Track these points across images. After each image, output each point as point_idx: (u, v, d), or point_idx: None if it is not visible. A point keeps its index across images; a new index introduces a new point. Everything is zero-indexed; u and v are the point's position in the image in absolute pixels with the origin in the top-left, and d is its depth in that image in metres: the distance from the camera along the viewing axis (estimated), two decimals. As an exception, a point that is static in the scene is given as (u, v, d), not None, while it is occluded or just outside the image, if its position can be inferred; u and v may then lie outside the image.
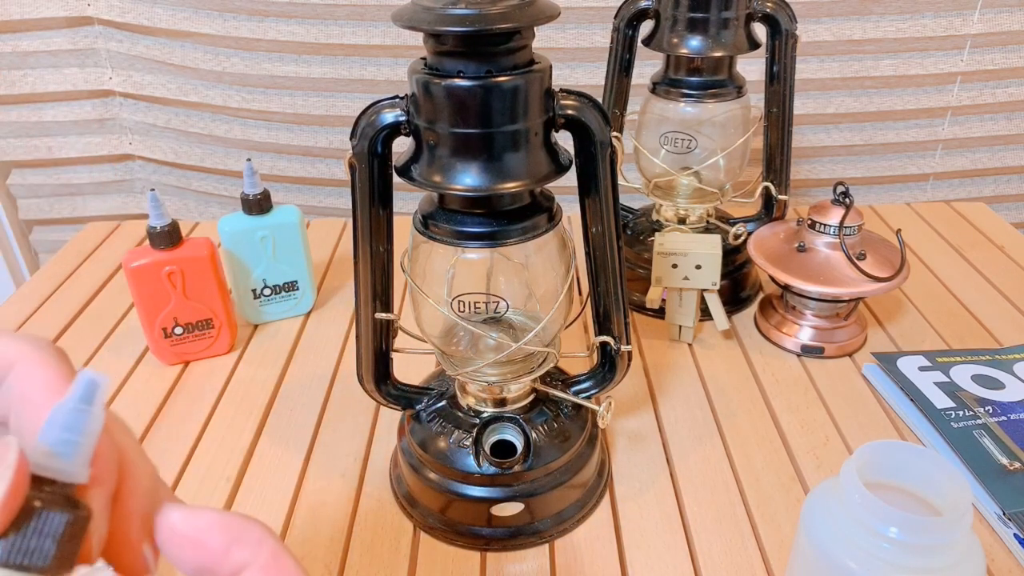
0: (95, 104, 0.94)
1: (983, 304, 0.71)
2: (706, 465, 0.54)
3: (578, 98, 0.40)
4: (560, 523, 0.48)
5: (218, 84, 0.90)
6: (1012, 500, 0.48)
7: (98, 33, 0.90)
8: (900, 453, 0.35)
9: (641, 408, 0.59)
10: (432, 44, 0.38)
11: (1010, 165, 0.98)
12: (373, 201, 0.42)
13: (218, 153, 0.96)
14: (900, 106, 0.92)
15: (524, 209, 0.42)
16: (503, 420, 0.48)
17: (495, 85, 0.37)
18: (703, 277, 0.62)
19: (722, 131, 0.66)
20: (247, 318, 0.69)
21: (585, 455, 0.49)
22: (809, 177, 0.98)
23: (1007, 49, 0.90)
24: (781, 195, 0.71)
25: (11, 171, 0.99)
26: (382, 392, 0.49)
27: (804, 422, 0.57)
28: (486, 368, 0.47)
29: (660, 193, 0.71)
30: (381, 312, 0.46)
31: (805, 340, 0.64)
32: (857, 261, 0.60)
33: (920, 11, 0.87)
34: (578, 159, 0.42)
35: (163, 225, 0.59)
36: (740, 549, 0.47)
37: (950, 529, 0.31)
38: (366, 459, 0.55)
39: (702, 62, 0.64)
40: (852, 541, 0.33)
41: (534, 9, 0.37)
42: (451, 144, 0.38)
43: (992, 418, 0.55)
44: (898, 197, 1.00)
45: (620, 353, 0.49)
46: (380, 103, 0.40)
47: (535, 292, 0.45)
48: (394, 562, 0.47)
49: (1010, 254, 0.80)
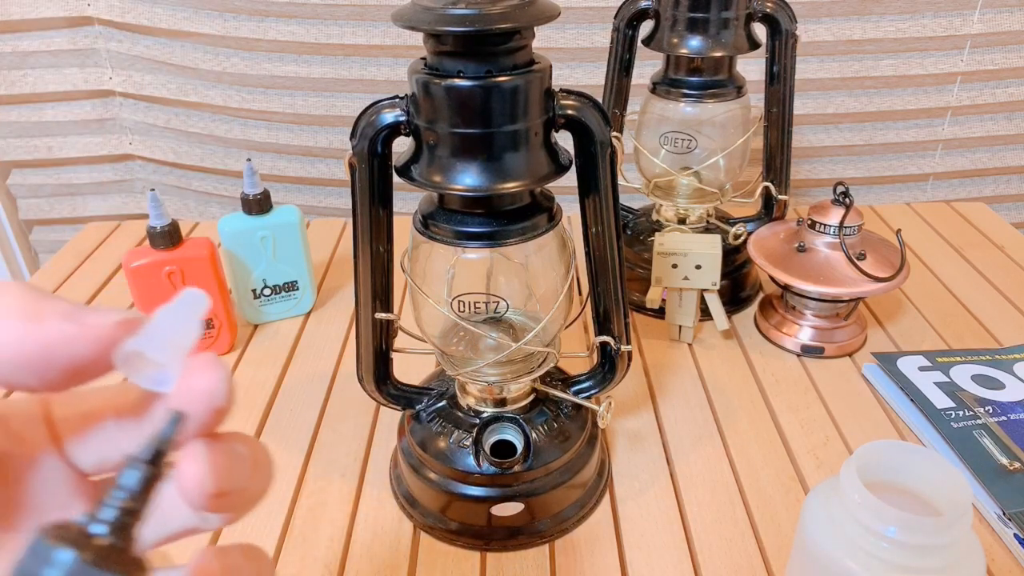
0: (95, 104, 0.94)
1: (983, 304, 0.71)
2: (706, 465, 0.54)
3: (578, 98, 0.40)
4: (560, 523, 0.48)
5: (218, 84, 0.90)
6: (1012, 500, 0.48)
7: (98, 33, 0.90)
8: (900, 453, 0.35)
9: (641, 408, 0.59)
10: (432, 44, 0.38)
11: (1010, 165, 0.98)
12: (373, 201, 0.42)
13: (218, 153, 0.96)
14: (900, 106, 0.92)
15: (524, 209, 0.42)
16: (503, 420, 0.48)
17: (495, 85, 0.37)
18: (703, 277, 0.62)
19: (722, 131, 0.66)
20: (247, 318, 0.69)
21: (585, 455, 0.49)
22: (809, 177, 0.98)
23: (1007, 49, 0.90)
24: (781, 195, 0.71)
25: (11, 171, 0.99)
26: (382, 392, 0.49)
27: (804, 422, 0.57)
28: (486, 368, 0.47)
29: (660, 193, 0.71)
30: (381, 312, 0.46)
31: (805, 340, 0.64)
32: (857, 261, 0.60)
33: (920, 11, 0.87)
34: (578, 159, 0.42)
35: (163, 225, 0.59)
36: (740, 549, 0.47)
37: (950, 529, 0.31)
38: (366, 459, 0.55)
39: (702, 62, 0.64)
40: (852, 541, 0.33)
41: (534, 9, 0.37)
42: (451, 144, 0.38)
43: (992, 418, 0.55)
44: (898, 197, 1.00)
45: (620, 353, 0.49)
46: (380, 103, 0.40)
47: (535, 292, 0.45)
48: (394, 562, 0.47)
49: (1010, 254, 0.80)
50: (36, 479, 0.20)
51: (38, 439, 0.20)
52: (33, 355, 0.17)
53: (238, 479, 0.18)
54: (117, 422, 0.20)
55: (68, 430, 0.20)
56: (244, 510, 0.19)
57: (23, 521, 0.20)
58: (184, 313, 0.18)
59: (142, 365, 0.18)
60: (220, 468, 0.18)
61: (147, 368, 0.18)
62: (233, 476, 0.18)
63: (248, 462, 0.19)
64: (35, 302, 0.17)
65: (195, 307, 0.19)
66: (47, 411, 0.20)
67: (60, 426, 0.20)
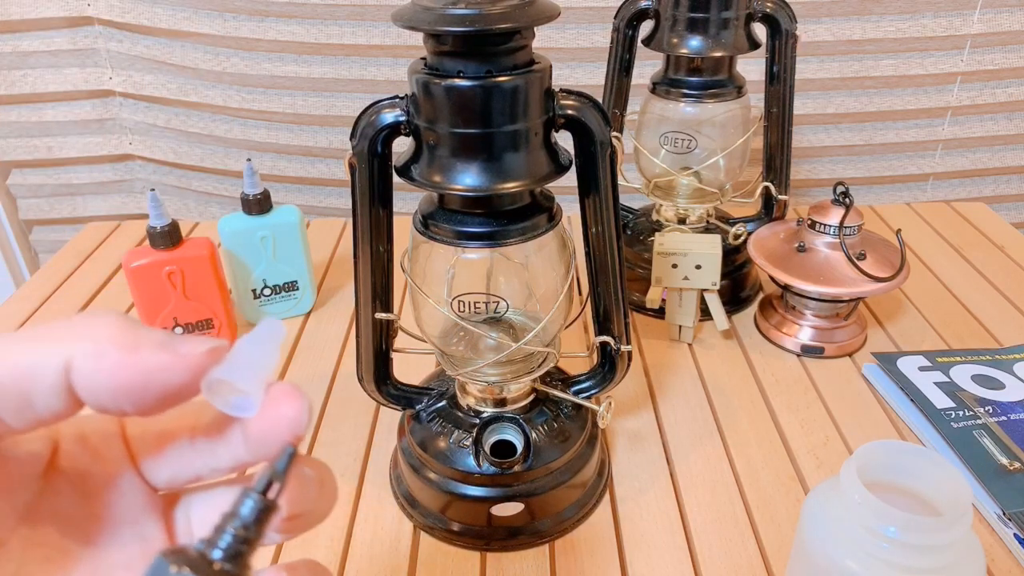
0: (95, 104, 0.94)
1: (983, 304, 0.71)
2: (706, 465, 0.54)
3: (578, 98, 0.40)
4: (560, 523, 0.48)
5: (218, 84, 0.90)
6: (1012, 500, 0.48)
7: (98, 33, 0.90)
8: (900, 453, 0.35)
9: (641, 408, 0.59)
10: (432, 44, 0.38)
11: (1010, 165, 0.98)
12: (373, 201, 0.42)
13: (218, 153, 0.96)
14: (900, 106, 0.92)
15: (524, 209, 0.42)
16: (503, 420, 0.48)
17: (495, 85, 0.37)
18: (703, 277, 0.62)
19: (722, 131, 0.66)
20: (247, 318, 0.69)
21: (585, 455, 0.49)
22: (809, 177, 0.98)
23: (1007, 49, 0.90)
24: (781, 195, 0.71)
25: (11, 171, 0.99)
26: (382, 392, 0.49)
27: (804, 422, 0.57)
28: (486, 368, 0.47)
29: (660, 193, 0.71)
30: (381, 312, 0.46)
31: (805, 340, 0.64)
32: (857, 261, 0.60)
33: (920, 11, 0.87)
34: (578, 159, 0.42)
35: (163, 225, 0.59)
36: (740, 549, 0.47)
37: (950, 529, 0.31)
38: (366, 459, 0.55)
39: (702, 62, 0.64)
40: (852, 541, 0.33)
41: (534, 9, 0.37)
42: (451, 144, 0.38)
43: (992, 418, 0.55)
44: (898, 197, 1.00)
45: (620, 353, 0.49)
46: (380, 103, 0.40)
47: (535, 292, 0.45)
48: (394, 562, 0.47)
49: (1010, 254, 0.80)
50: (113, 494, 0.21)
51: (116, 456, 0.21)
52: (131, 383, 0.18)
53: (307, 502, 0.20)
54: (191, 442, 0.21)
55: (143, 448, 0.21)
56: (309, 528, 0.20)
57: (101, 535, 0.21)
58: (264, 342, 0.19)
59: (226, 392, 0.19)
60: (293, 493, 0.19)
61: (231, 395, 0.19)
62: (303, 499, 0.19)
63: (316, 484, 0.20)
64: (131, 331, 0.18)
65: (274, 336, 0.19)
66: (123, 430, 0.22)
67: (135, 444, 0.21)
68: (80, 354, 0.17)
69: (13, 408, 0.17)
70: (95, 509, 0.21)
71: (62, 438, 0.21)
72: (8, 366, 0.17)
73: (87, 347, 0.17)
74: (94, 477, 0.21)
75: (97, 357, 0.17)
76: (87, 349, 0.17)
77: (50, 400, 0.17)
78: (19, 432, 0.18)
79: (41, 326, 0.18)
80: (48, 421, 0.18)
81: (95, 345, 0.17)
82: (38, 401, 0.17)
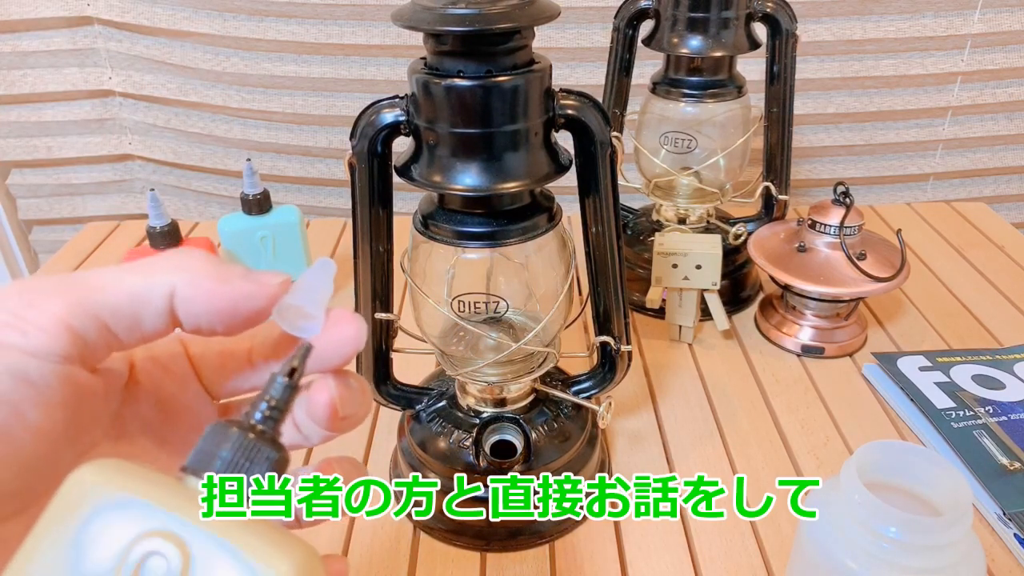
0: (95, 104, 0.94)
1: (983, 304, 0.71)
2: (706, 465, 0.54)
3: (578, 98, 0.40)
4: (560, 523, 0.48)
5: (218, 84, 0.90)
6: (1012, 500, 0.48)
7: (98, 33, 0.90)
8: (900, 453, 0.35)
9: (641, 408, 0.59)
10: (432, 44, 0.38)
11: (1010, 165, 0.98)
12: (373, 201, 0.42)
13: (218, 153, 0.96)
14: (900, 106, 0.92)
15: (524, 209, 0.42)
16: (503, 420, 0.48)
17: (495, 85, 0.37)
18: (703, 277, 0.62)
19: (722, 131, 0.66)
20: (247, 318, 0.69)
21: (585, 455, 0.49)
22: (809, 177, 0.98)
23: (1007, 49, 0.90)
24: (781, 195, 0.70)
25: (11, 171, 0.99)
26: (382, 392, 0.49)
27: (804, 422, 0.57)
28: (486, 368, 0.47)
29: (660, 193, 0.71)
30: (381, 312, 0.46)
31: (805, 340, 0.64)
32: (857, 261, 0.60)
33: (920, 11, 0.87)
34: (578, 159, 0.42)
35: (163, 225, 0.59)
36: (740, 549, 0.47)
37: (950, 529, 0.31)
38: (366, 459, 0.55)
39: (702, 62, 0.64)
40: (852, 541, 0.33)
41: (534, 9, 0.37)
42: (451, 144, 0.38)
43: (992, 418, 0.55)
44: (898, 197, 1.00)
45: (620, 353, 0.48)
46: (380, 103, 0.40)
47: (535, 292, 0.45)
48: (394, 562, 0.47)
49: (1010, 254, 0.80)
50: (182, 404, 0.25)
51: (182, 372, 0.25)
52: (223, 308, 0.21)
53: (354, 405, 0.23)
54: (249, 360, 0.25)
55: (204, 365, 0.25)
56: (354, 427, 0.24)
57: (174, 437, 0.25)
58: (322, 276, 0.22)
59: (294, 316, 0.22)
60: (344, 397, 0.23)
61: (298, 319, 0.22)
62: (351, 403, 0.23)
63: (359, 393, 0.23)
64: (220, 265, 0.22)
65: (328, 271, 0.23)
66: (187, 349, 0.25)
67: (197, 362, 0.25)
68: (181, 283, 0.21)
69: (125, 326, 0.21)
70: (168, 416, 0.25)
71: (136, 358, 0.24)
72: (125, 290, 0.20)
73: (187, 277, 0.21)
74: (165, 389, 0.25)
75: (195, 286, 0.21)
76: (187, 279, 0.21)
77: (156, 320, 0.21)
78: (126, 347, 0.21)
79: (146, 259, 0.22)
80: (150, 338, 0.21)
81: (193, 275, 0.21)
82: (146, 321, 0.21)
